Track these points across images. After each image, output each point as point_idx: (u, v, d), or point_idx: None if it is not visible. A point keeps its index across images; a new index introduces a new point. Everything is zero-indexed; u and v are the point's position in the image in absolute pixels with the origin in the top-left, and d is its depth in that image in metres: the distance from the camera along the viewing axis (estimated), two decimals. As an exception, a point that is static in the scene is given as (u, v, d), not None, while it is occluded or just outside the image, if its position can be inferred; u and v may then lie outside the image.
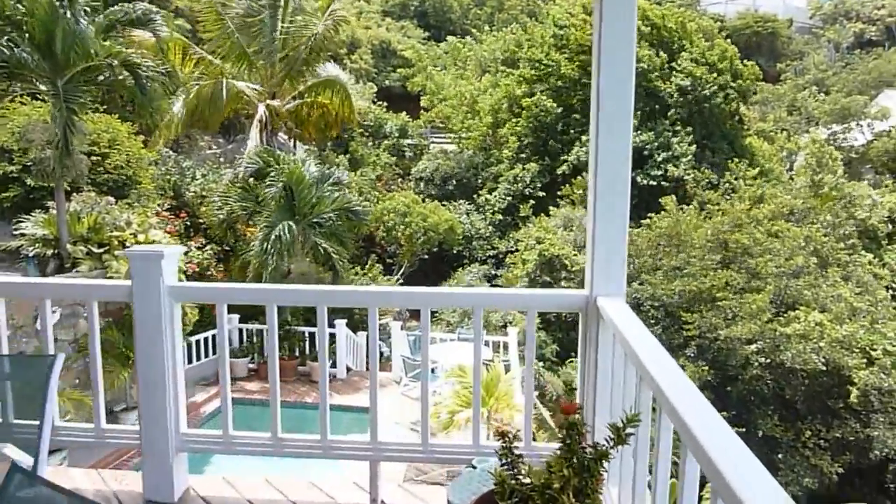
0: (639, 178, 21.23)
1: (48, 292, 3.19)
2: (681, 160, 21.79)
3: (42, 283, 3.05)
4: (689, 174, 21.07)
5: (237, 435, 3.24)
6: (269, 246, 12.92)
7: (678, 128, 22.95)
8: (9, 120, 11.69)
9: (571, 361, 15.18)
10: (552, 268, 15.93)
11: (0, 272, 11.31)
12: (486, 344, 13.31)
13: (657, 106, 23.49)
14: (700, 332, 15.39)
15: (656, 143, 21.98)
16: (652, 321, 15.77)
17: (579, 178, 21.37)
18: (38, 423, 2.52)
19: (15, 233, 11.11)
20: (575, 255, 16.06)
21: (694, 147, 22.39)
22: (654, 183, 20.64)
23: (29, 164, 11.15)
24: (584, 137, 22.73)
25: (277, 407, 3.22)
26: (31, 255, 10.58)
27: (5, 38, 9.09)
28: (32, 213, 11.32)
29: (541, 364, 14.38)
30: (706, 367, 14.89)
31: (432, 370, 12.66)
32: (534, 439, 8.55)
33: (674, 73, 23.59)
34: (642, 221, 17.96)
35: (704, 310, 15.54)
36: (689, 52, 24.29)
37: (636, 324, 2.45)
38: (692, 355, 15.23)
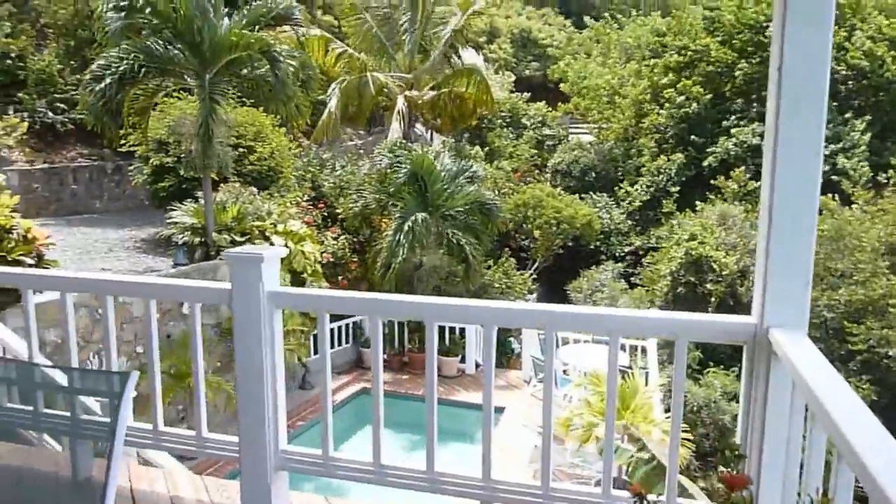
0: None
1: (153, 292, 3.05)
2: (853, 152, 19.45)
3: (148, 282, 2.91)
4: (861, 167, 18.75)
5: (338, 458, 2.95)
6: (402, 237, 12.88)
7: (848, 115, 20.56)
8: (165, 115, 12.41)
9: (714, 371, 13.99)
10: (699, 269, 14.72)
11: (153, 258, 12.08)
12: (623, 348, 12.52)
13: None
14: (868, 346, 13.67)
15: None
16: (810, 331, 14.22)
17: (737, 171, 19.73)
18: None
19: (168, 221, 11.77)
20: (725, 257, 14.73)
21: (868, 137, 19.96)
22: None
23: (182, 156, 11.76)
24: (734, 130, 20.98)
25: (380, 432, 2.89)
26: (180, 242, 11.15)
27: (159, 35, 9.55)
28: (184, 203, 11.95)
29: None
30: (870, 385, 13.23)
31: (564, 371, 12.08)
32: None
33: (848, 53, 21.12)
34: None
35: (873, 320, 13.77)
36: (864, 31, 21.66)
37: (824, 368, 1.86)
38: (855, 369, 13.59)
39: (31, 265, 7.33)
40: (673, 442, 2.45)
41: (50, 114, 16.13)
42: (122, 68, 9.40)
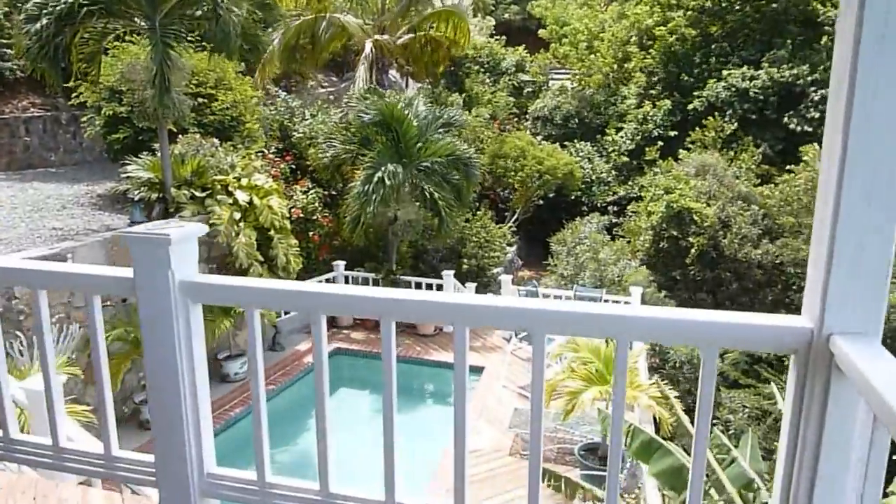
0: (790, 123, 18.67)
1: (41, 282, 2.44)
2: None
3: (35, 269, 2.26)
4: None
5: (277, 484, 2.40)
6: (371, 188, 12.20)
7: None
8: (118, 60, 11.46)
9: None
10: (681, 222, 14.24)
11: (110, 216, 11.32)
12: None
13: (812, 33, 20.44)
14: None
15: (810, 79, 19.09)
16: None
17: (711, 118, 19.14)
18: None
19: (123, 175, 11.00)
20: (705, 207, 14.22)
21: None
22: (811, 129, 17.96)
23: (135, 105, 10.89)
24: (725, 71, 20.24)
25: (328, 454, 2.35)
26: (136, 199, 10.41)
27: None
28: (140, 156, 11.16)
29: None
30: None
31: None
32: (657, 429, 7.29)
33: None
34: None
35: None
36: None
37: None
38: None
39: (-42, 229, 6.62)
40: (697, 460, 1.94)
41: (-4, 61, 15.02)
42: (59, 7, 8.48)
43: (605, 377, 7.75)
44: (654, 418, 7.96)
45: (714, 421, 12.67)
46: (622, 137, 21.71)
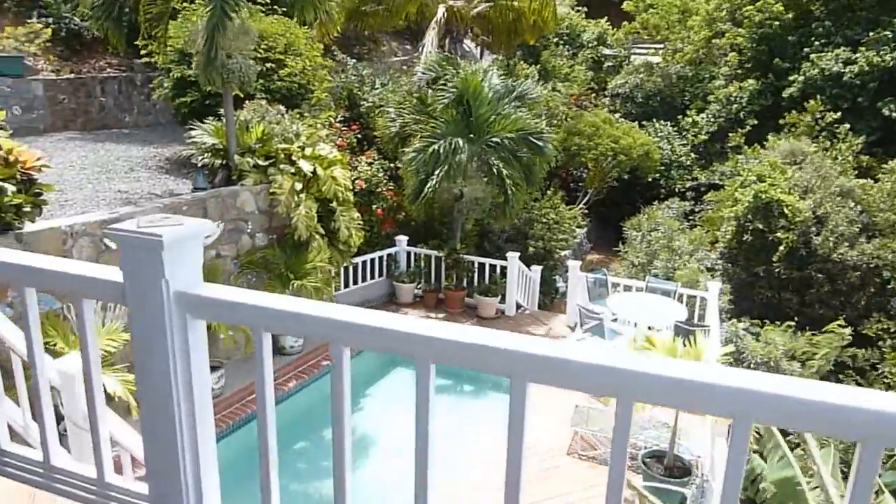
0: (885, 109, 17.08)
1: (28, 279, 2.07)
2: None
3: (22, 265, 1.86)
4: None
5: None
6: (425, 158, 11.70)
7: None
8: (187, 21, 11.27)
9: (772, 327, 12.67)
10: (768, 214, 13.17)
11: (175, 180, 11.26)
12: (679, 297, 11.35)
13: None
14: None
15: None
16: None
17: (812, 101, 17.69)
18: None
19: (188, 140, 10.87)
20: (799, 201, 13.09)
21: None
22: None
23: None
24: (815, 56, 18.68)
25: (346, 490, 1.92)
26: (200, 164, 10.26)
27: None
28: (206, 120, 10.99)
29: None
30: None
31: (613, 319, 11.04)
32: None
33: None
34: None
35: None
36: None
37: None
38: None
39: (16, 192, 6.52)
40: None
41: (76, 20, 15.15)
42: (125, -34, 8.27)
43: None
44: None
45: (790, 432, 11.81)
46: (703, 118, 20.46)
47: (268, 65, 11.86)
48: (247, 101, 11.23)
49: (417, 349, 1.65)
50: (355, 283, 12.83)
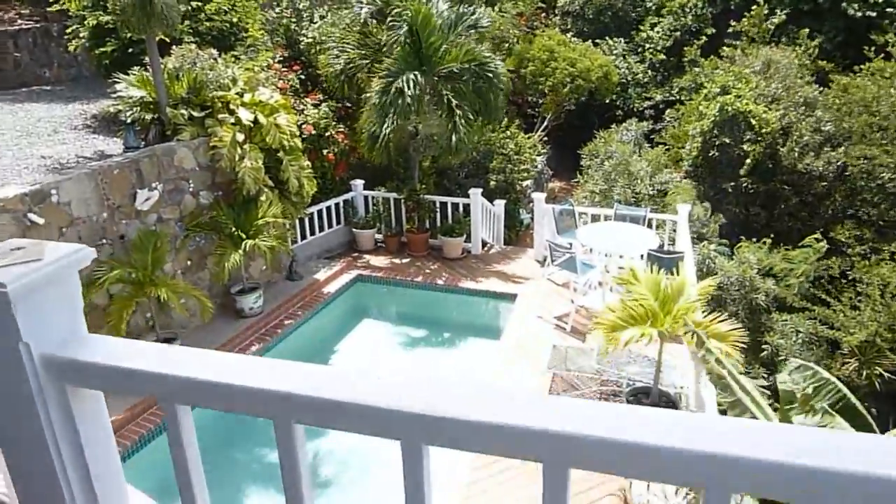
0: (850, 9, 16.54)
1: None
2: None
3: None
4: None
5: None
6: (389, 101, 10.97)
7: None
8: (96, -41, 10.13)
9: (747, 245, 12.50)
10: (734, 127, 12.78)
11: (105, 140, 10.32)
12: (649, 223, 11.05)
13: None
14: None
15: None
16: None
17: (756, 5, 17.02)
18: None
19: (112, 95, 9.92)
20: (766, 114, 12.68)
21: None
22: (875, 14, 15.83)
23: (118, 11, 9.63)
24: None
25: None
26: (129, 121, 9.36)
27: None
28: (131, 71, 10.02)
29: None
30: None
31: (584, 252, 10.69)
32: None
33: None
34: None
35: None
36: None
37: None
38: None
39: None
40: None
41: (-26, -34, 13.63)
42: None
43: (658, 317, 6.82)
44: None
45: (763, 346, 11.84)
46: (658, 33, 19.79)
47: (192, 3, 10.81)
48: (174, 47, 10.25)
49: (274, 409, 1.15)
50: (312, 233, 12.21)
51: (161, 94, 9.34)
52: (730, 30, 17.66)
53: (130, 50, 10.54)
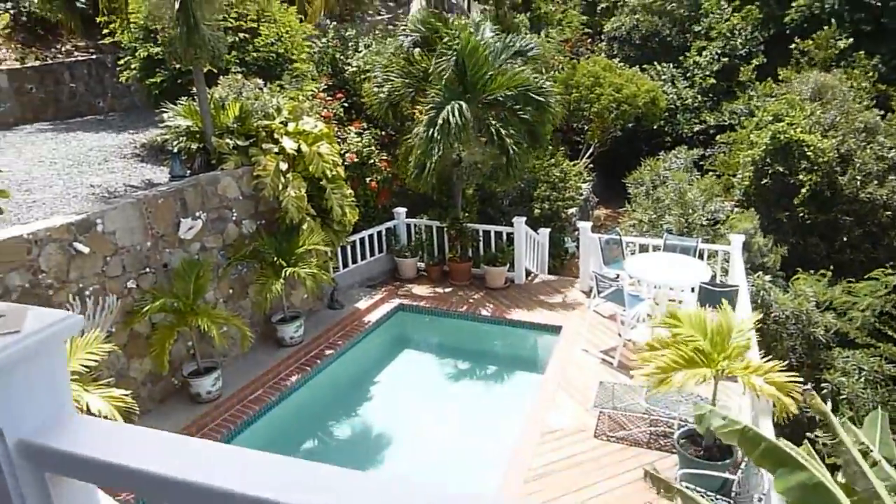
0: None
1: None
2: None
3: None
4: None
5: None
6: (436, 132, 10.87)
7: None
8: (150, -7, 10.34)
9: (804, 277, 11.94)
10: (788, 155, 12.29)
11: (153, 169, 10.47)
12: (700, 255, 10.64)
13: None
14: None
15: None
16: None
17: (823, 29, 16.58)
18: None
19: (160, 124, 10.06)
20: (821, 140, 12.17)
21: None
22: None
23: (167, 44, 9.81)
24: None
25: None
26: (175, 150, 9.46)
27: None
28: (179, 101, 10.16)
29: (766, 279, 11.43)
30: None
31: (631, 284, 10.35)
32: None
33: None
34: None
35: None
36: None
37: None
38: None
39: (-39, 202, 5.79)
40: None
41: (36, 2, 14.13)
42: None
43: (710, 357, 6.45)
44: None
45: (823, 385, 11.22)
46: (706, 57, 19.38)
47: (240, 35, 10.96)
48: (221, 77, 10.38)
49: None
50: (354, 262, 12.13)
51: (207, 124, 9.43)
52: (792, 47, 17.07)
53: (179, 80, 10.71)
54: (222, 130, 9.61)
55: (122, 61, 11.81)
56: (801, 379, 6.80)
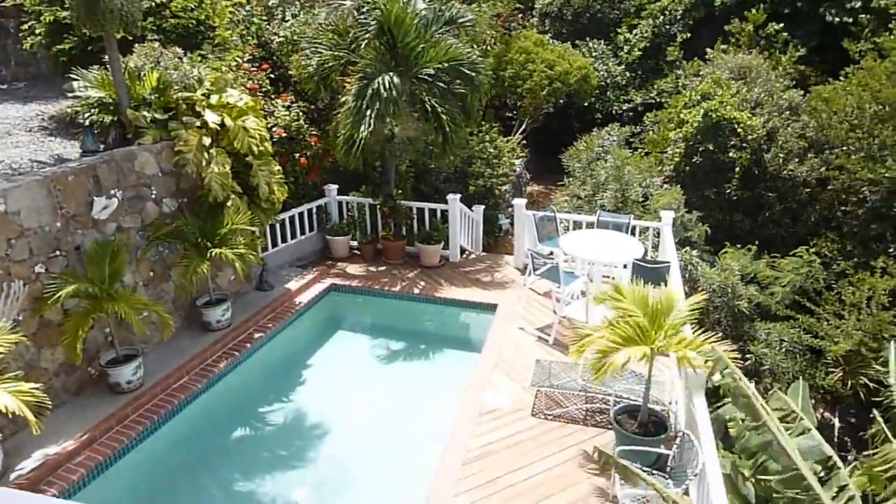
0: (827, 15, 16.44)
1: None
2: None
3: None
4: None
5: None
6: (365, 104, 10.53)
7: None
8: (53, -48, 9.54)
9: (731, 251, 12.26)
10: (718, 133, 12.52)
11: (63, 143, 9.74)
12: (632, 231, 10.75)
13: None
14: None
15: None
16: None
17: (752, 11, 16.93)
18: None
19: (70, 95, 9.34)
20: (750, 120, 12.44)
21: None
22: (852, 21, 15.74)
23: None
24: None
25: None
26: (87, 123, 8.80)
27: None
28: (90, 70, 9.45)
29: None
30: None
31: (565, 261, 10.37)
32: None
33: None
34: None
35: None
36: None
37: None
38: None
39: None
40: None
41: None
42: None
43: (649, 335, 6.47)
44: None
45: (747, 356, 11.60)
46: (636, 35, 19.58)
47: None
48: (136, 45, 9.70)
49: None
50: (284, 241, 11.71)
51: (121, 95, 8.79)
52: (727, 27, 17.32)
53: (90, 48, 9.98)
54: (138, 102, 8.99)
55: (25, 26, 10.90)
56: (733, 347, 6.94)
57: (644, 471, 6.30)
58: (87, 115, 8.91)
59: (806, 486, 5.51)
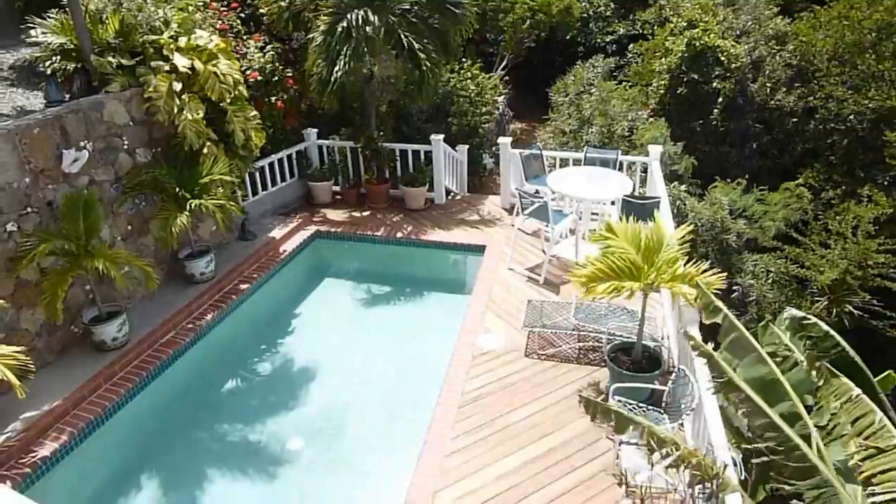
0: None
1: None
2: None
3: None
4: None
5: None
6: (335, 41, 10.12)
7: None
8: None
9: (721, 185, 12.17)
10: (703, 63, 12.23)
11: (26, 94, 9.26)
12: (620, 166, 10.58)
13: None
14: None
15: None
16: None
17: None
18: None
19: (28, 41, 8.84)
20: (734, 49, 12.13)
21: None
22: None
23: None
24: None
25: None
26: (49, 71, 8.35)
27: None
28: (48, 14, 8.93)
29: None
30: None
31: (553, 198, 10.22)
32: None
33: None
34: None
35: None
36: None
37: None
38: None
39: None
40: None
41: None
42: None
43: (641, 271, 6.40)
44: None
45: (734, 287, 11.66)
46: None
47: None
48: (95, -15, 9.13)
49: None
50: (264, 188, 11.41)
51: (83, 40, 8.31)
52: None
53: (47, -11, 9.38)
54: (102, 48, 8.53)
55: (-26, -32, 10.21)
56: (724, 273, 6.89)
57: (639, 406, 6.34)
58: (48, 63, 8.46)
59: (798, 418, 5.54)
